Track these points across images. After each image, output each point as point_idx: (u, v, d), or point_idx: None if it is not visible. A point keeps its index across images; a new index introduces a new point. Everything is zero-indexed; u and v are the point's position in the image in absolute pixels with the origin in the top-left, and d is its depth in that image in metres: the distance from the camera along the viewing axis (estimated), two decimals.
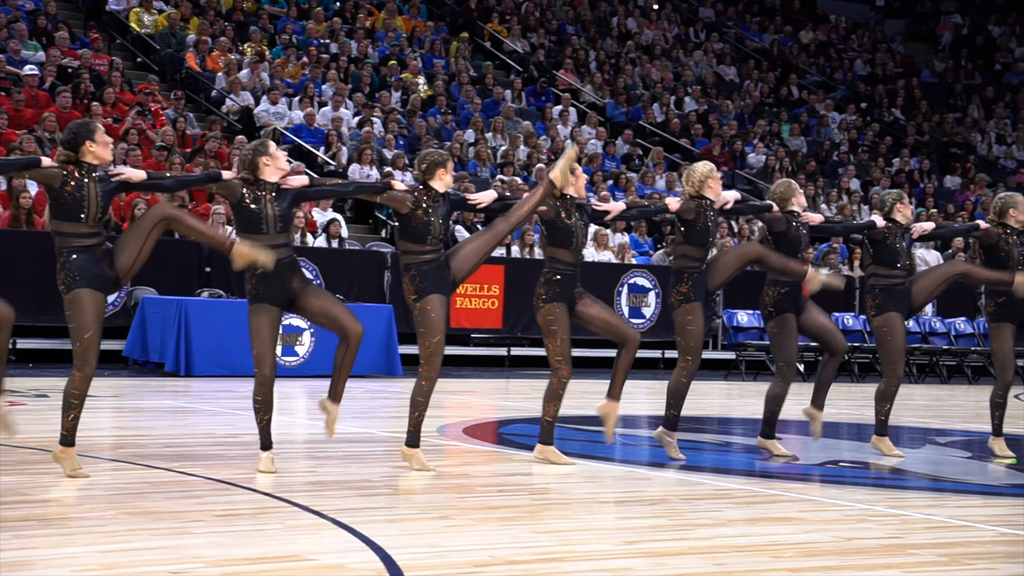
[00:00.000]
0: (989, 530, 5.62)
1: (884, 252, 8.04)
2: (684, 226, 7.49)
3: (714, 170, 7.60)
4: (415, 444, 6.84)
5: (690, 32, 25.97)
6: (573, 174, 7.21)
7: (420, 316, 6.77)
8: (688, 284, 7.45)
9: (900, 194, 8.18)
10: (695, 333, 7.44)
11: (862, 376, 16.09)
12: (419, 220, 6.79)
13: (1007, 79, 26.86)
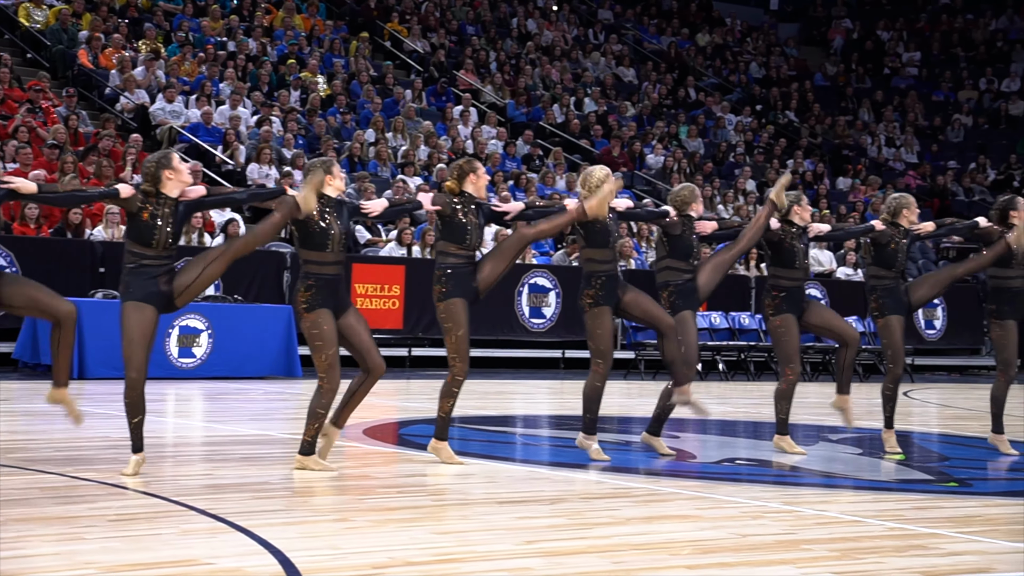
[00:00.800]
0: (879, 525, 5.75)
1: (782, 253, 8.19)
2: (584, 230, 7.54)
3: (611, 175, 7.65)
4: (310, 452, 6.81)
5: (589, 33, 26.15)
6: (476, 172, 7.24)
7: (312, 328, 6.73)
8: (595, 287, 7.49)
9: (798, 196, 8.33)
10: (604, 336, 7.48)
11: (758, 375, 16.33)
12: (315, 226, 6.74)
13: (895, 83, 27.48)
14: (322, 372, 6.72)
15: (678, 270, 7.86)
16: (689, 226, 7.91)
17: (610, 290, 7.49)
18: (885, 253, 8.41)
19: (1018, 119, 26.31)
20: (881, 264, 8.44)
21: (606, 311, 7.47)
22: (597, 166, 7.78)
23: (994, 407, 8.66)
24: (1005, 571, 4.87)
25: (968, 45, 28.50)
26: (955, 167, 24.52)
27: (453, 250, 7.17)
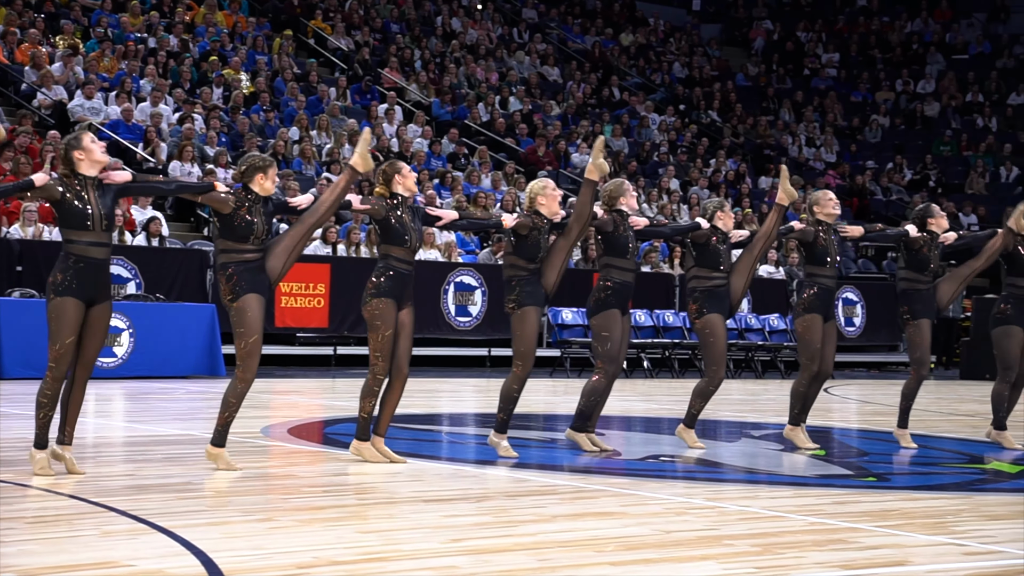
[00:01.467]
0: (800, 520, 5.83)
1: (707, 255, 8.27)
2: (516, 239, 7.56)
3: (547, 187, 7.66)
4: (222, 444, 6.77)
5: (514, 32, 26.20)
6: (400, 173, 7.21)
7: (237, 316, 6.68)
8: (518, 292, 7.51)
9: (721, 202, 8.43)
10: (529, 338, 7.50)
11: (682, 372, 16.47)
12: (242, 220, 6.70)
13: (815, 84, 27.86)
14: (240, 360, 6.68)
15: (620, 268, 7.88)
16: (623, 223, 7.94)
17: (534, 294, 7.50)
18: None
19: (933, 120, 26.80)
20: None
21: (531, 312, 7.49)
22: (536, 179, 7.82)
23: (904, 402, 8.84)
24: (921, 564, 4.97)
25: (885, 47, 28.98)
26: (873, 167, 24.92)
27: (395, 252, 7.16)
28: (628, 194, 7.97)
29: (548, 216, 7.60)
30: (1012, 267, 8.93)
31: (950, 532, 5.63)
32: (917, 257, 8.71)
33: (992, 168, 25.22)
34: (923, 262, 8.69)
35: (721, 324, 8.22)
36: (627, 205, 7.94)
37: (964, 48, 28.81)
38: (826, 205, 8.56)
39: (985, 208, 23.40)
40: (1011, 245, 8.89)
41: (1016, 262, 8.90)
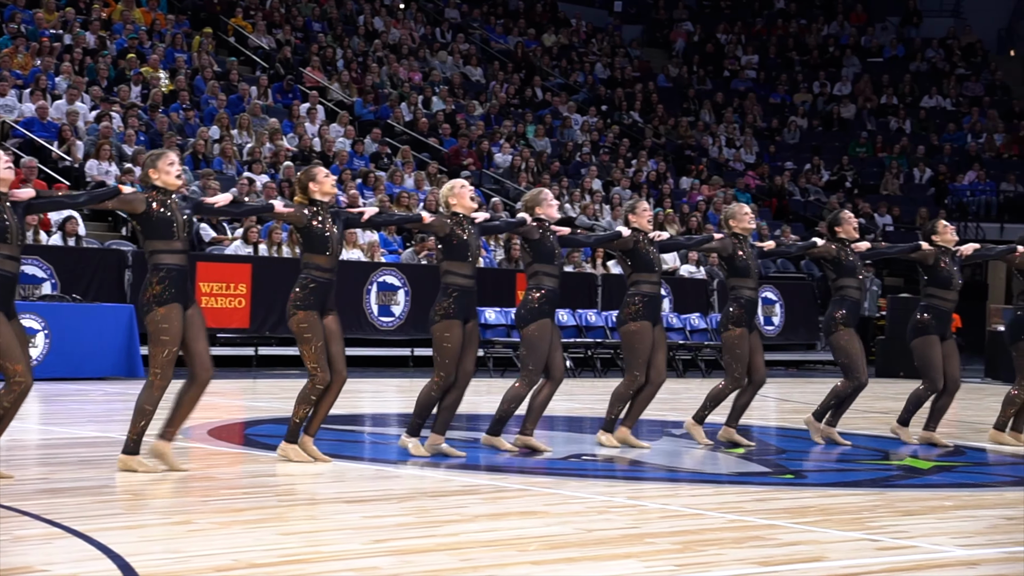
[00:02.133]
0: (719, 517, 5.90)
1: (639, 259, 8.31)
2: (442, 244, 7.55)
3: (454, 186, 7.65)
4: (137, 451, 6.69)
5: (436, 32, 26.16)
6: (315, 180, 7.16)
7: (162, 321, 6.60)
8: (450, 300, 7.49)
9: (631, 205, 8.47)
10: (451, 350, 7.48)
11: (605, 371, 16.56)
12: (158, 216, 6.62)
13: (735, 85, 28.15)
14: (160, 368, 6.61)
15: (549, 275, 7.89)
16: (548, 230, 7.95)
17: (464, 304, 7.50)
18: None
19: (849, 122, 27.21)
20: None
21: (456, 324, 7.48)
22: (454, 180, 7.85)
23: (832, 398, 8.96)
24: (837, 559, 5.05)
25: (802, 49, 29.37)
26: (791, 168, 25.24)
27: (316, 260, 7.11)
28: (546, 203, 7.97)
29: (464, 213, 7.59)
30: (932, 279, 9.08)
31: (865, 528, 5.73)
32: (842, 265, 8.85)
33: (906, 169, 25.67)
34: (851, 270, 8.84)
35: (650, 330, 8.25)
36: (546, 214, 7.94)
37: (879, 51, 29.30)
38: (742, 219, 8.65)
39: (899, 209, 23.80)
40: (932, 258, 9.06)
41: (936, 274, 9.07)
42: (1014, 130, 26.59)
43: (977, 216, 23.97)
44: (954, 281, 9.05)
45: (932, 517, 6.13)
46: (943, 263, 9.01)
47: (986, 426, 11.13)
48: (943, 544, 5.42)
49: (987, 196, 24.67)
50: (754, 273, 8.63)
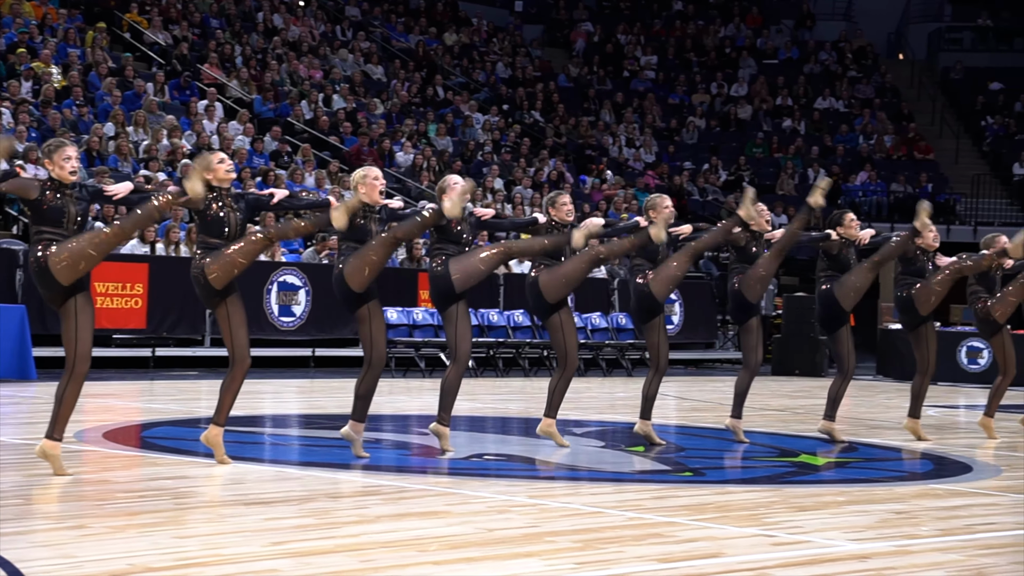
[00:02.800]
0: (619, 515, 5.96)
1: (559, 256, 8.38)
2: (349, 230, 7.54)
3: (367, 175, 7.63)
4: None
5: (337, 30, 26.00)
6: (209, 168, 7.10)
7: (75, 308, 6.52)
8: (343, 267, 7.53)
9: (552, 198, 8.54)
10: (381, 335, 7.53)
11: (506, 371, 16.59)
12: (50, 204, 6.52)
13: (634, 85, 28.40)
14: (82, 359, 6.51)
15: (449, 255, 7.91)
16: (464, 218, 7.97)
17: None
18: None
19: (746, 122, 27.62)
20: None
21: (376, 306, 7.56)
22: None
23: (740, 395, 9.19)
24: (734, 555, 5.13)
25: (700, 51, 29.74)
26: (690, 167, 25.54)
27: (213, 243, 7.05)
28: (451, 188, 7.98)
29: (371, 203, 7.58)
30: (834, 266, 9.35)
31: (762, 524, 5.83)
32: (745, 253, 9.07)
33: (801, 170, 26.13)
34: (753, 258, 9.04)
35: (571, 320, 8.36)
36: (448, 199, 7.96)
37: (774, 53, 29.78)
38: (663, 211, 8.76)
39: (795, 208, 24.21)
40: (836, 247, 9.31)
41: (839, 263, 9.32)
42: (903, 132, 27.22)
43: (869, 216, 24.49)
44: None
45: (825, 512, 6.26)
46: (846, 252, 9.30)
47: (878, 422, 11.39)
48: (835, 539, 5.54)
49: (878, 196, 25.24)
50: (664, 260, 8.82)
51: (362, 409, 7.69)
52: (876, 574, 4.86)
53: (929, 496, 6.89)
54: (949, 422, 11.97)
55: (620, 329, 17.53)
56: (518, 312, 16.81)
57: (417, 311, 16.01)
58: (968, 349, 17.29)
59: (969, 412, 13.20)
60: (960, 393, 15.72)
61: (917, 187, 25.39)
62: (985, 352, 17.03)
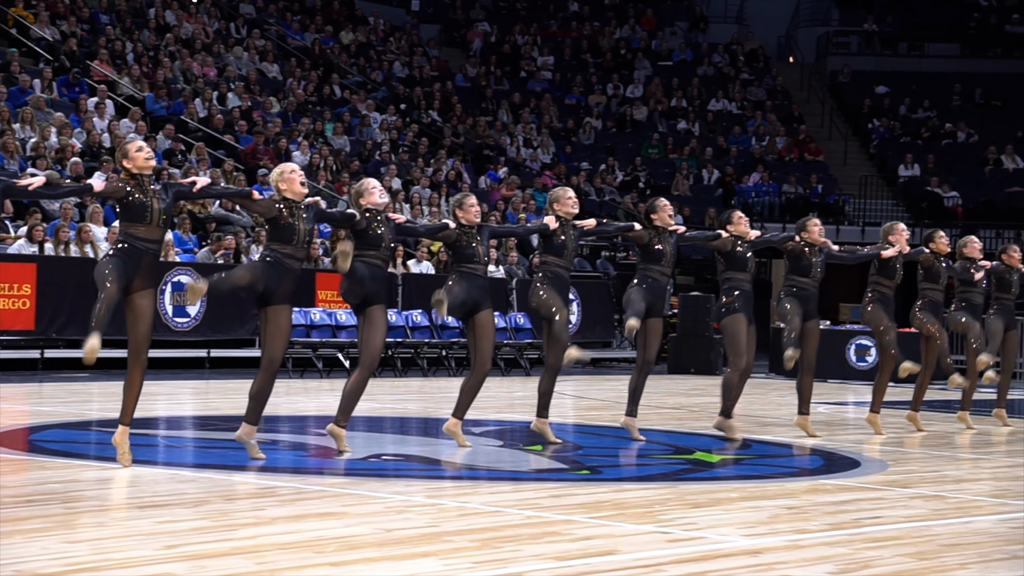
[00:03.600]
0: (517, 514, 5.99)
1: (461, 253, 8.42)
2: (268, 224, 7.49)
3: (284, 171, 7.58)
4: None
5: (231, 27, 25.69)
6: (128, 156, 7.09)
7: None
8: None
9: (459, 200, 8.57)
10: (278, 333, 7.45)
11: (405, 371, 16.56)
12: None
13: (531, 86, 28.53)
14: None
15: (369, 263, 7.88)
16: (374, 219, 7.94)
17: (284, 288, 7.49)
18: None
19: (642, 123, 27.90)
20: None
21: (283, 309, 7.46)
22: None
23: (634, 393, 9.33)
24: (629, 552, 5.20)
25: (596, 52, 29.97)
26: (587, 168, 25.73)
27: (134, 230, 6.99)
28: (368, 192, 7.97)
29: (294, 198, 7.52)
30: (730, 264, 9.52)
31: (657, 521, 5.91)
32: (649, 251, 9.17)
33: (695, 171, 26.48)
34: (658, 254, 9.14)
35: (490, 319, 8.44)
36: (370, 203, 7.95)
37: (668, 55, 30.13)
38: (566, 203, 8.86)
39: (690, 208, 24.54)
40: (729, 244, 9.46)
41: (735, 260, 9.54)
42: (794, 134, 27.73)
43: (761, 216, 24.92)
44: (749, 265, 9.53)
45: (719, 509, 6.36)
46: (740, 249, 9.47)
47: (771, 419, 11.60)
48: (729, 534, 5.63)
49: (770, 197, 25.68)
50: (569, 255, 8.88)
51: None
52: (767, 568, 4.96)
53: (819, 491, 7.04)
54: (838, 418, 12.24)
55: (519, 329, 17.60)
56: (416, 312, 16.78)
57: (315, 311, 15.90)
58: (857, 347, 17.69)
59: (858, 408, 13.50)
60: (849, 390, 16.07)
61: (808, 188, 25.89)
62: (873, 350, 17.42)
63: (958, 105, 28.40)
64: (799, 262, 9.88)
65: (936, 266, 10.70)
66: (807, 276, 9.82)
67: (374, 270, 7.89)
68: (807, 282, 9.83)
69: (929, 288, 10.71)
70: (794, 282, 9.85)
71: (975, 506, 6.74)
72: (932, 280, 10.73)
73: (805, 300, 9.80)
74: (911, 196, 25.75)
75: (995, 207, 25.20)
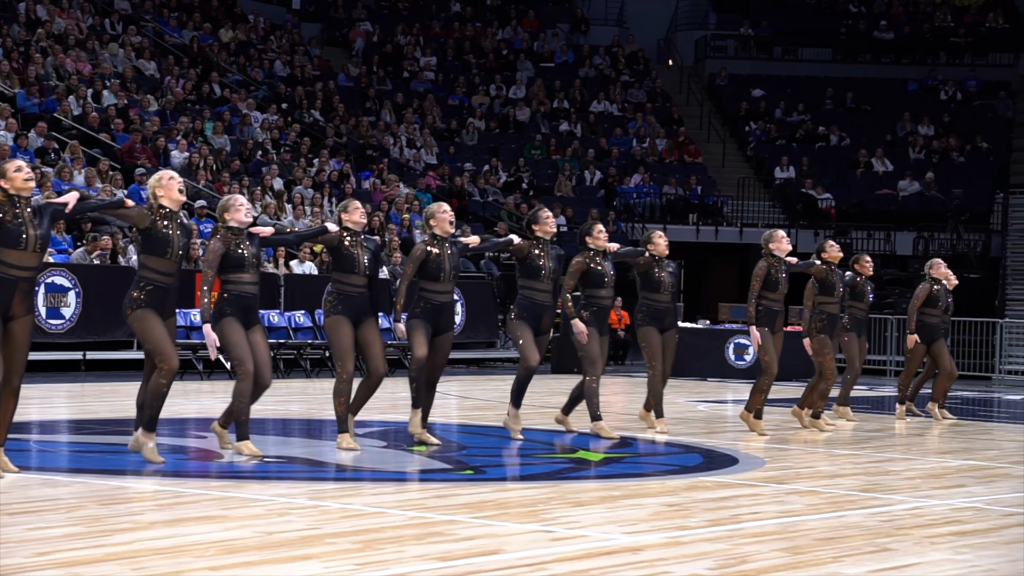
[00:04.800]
0: (400, 515, 5.97)
1: (341, 259, 8.37)
2: (140, 236, 7.36)
3: (162, 178, 7.45)
4: None
5: (106, 23, 25.17)
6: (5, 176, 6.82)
7: None
8: (140, 293, 7.27)
9: (344, 204, 8.52)
10: (156, 337, 7.25)
11: (287, 372, 16.40)
12: None
13: (414, 86, 28.47)
14: None
15: (234, 283, 7.81)
16: (238, 237, 7.83)
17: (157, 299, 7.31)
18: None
19: (524, 124, 28.03)
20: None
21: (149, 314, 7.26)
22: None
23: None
24: (513, 551, 5.22)
25: (479, 53, 30.03)
26: (471, 168, 25.76)
27: (7, 257, 6.74)
28: (234, 208, 7.86)
29: (170, 207, 7.38)
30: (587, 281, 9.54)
31: (540, 520, 5.95)
32: (528, 265, 9.12)
33: (578, 172, 26.69)
34: (536, 270, 9.10)
35: (348, 325, 8.31)
36: (235, 220, 7.83)
37: (550, 57, 30.32)
38: (442, 220, 8.68)
39: (572, 210, 24.73)
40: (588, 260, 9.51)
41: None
42: (674, 136, 28.12)
43: (643, 217, 25.22)
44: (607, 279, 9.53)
45: (601, 507, 6.43)
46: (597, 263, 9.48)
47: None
48: (611, 532, 5.69)
49: (651, 199, 26.00)
50: (448, 275, 8.71)
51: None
52: (649, 565, 5.02)
53: (699, 488, 7.15)
54: (717, 416, 12.45)
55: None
56: (299, 313, 16.63)
57: (194, 312, 15.65)
58: (735, 346, 18.01)
59: (736, 407, 13.74)
60: (728, 388, 16.35)
61: (687, 190, 26.26)
62: (751, 349, 17.76)
63: (831, 109, 29.08)
64: (649, 279, 9.94)
65: (831, 277, 10.75)
66: (658, 291, 9.91)
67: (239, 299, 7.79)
68: (659, 297, 9.94)
69: (825, 302, 10.75)
70: (648, 299, 9.96)
71: (848, 501, 6.91)
72: (827, 293, 10.76)
73: (659, 315, 9.92)
74: (787, 197, 26.28)
75: (865, 209, 25.87)
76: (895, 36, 30.62)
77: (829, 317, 10.71)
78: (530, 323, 9.07)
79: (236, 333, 7.69)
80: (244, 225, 7.84)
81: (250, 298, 7.83)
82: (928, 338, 11.78)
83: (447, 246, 8.68)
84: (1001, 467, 8.71)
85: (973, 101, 29.11)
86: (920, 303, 11.76)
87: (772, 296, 10.05)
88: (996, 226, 25.27)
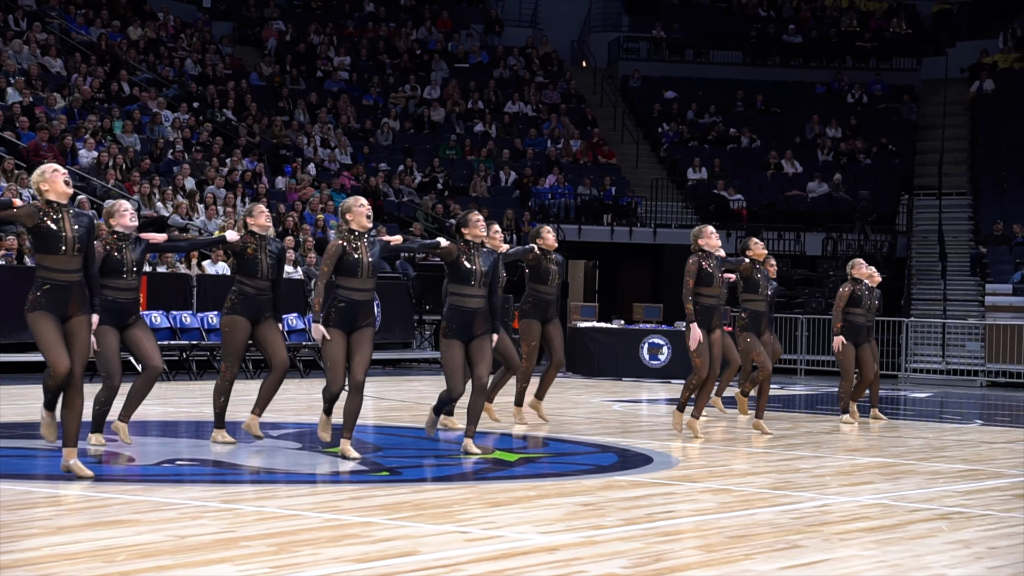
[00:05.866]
0: (316, 517, 5.94)
1: (244, 263, 8.43)
2: (30, 233, 7.15)
3: (47, 171, 7.28)
4: None
5: (9, 19, 24.67)
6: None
7: None
8: (37, 292, 7.08)
9: (248, 209, 8.58)
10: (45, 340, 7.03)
11: (200, 373, 16.22)
12: None
13: (328, 86, 28.30)
14: None
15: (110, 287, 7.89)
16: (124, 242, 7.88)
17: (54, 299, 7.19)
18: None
19: (439, 124, 28.01)
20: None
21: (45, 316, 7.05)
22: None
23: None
24: (429, 552, 5.22)
25: (393, 53, 29.93)
26: (385, 169, 25.67)
27: None
28: (119, 214, 7.97)
29: (57, 200, 7.19)
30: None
31: (456, 520, 5.95)
32: (457, 269, 8.87)
33: (493, 172, 26.72)
34: (465, 274, 8.93)
35: (243, 324, 8.42)
36: (121, 225, 7.93)
37: (465, 57, 30.32)
38: (359, 214, 8.30)
39: (488, 210, 24.75)
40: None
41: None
42: (588, 137, 28.28)
43: (558, 218, 25.33)
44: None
45: (517, 507, 6.45)
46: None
47: (567, 418, 11.82)
48: (527, 532, 5.71)
49: (566, 199, 26.12)
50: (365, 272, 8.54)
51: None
52: (564, 565, 5.05)
53: (614, 488, 7.21)
54: (632, 416, 12.55)
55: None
56: (212, 314, 16.45)
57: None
58: (650, 345, 18.16)
59: (651, 406, 13.87)
60: (643, 388, 16.49)
61: (602, 190, 26.43)
62: (665, 348, 17.94)
63: (741, 111, 29.45)
64: (537, 271, 10.38)
65: (755, 275, 10.82)
66: (545, 283, 10.34)
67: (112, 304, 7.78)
68: (546, 289, 10.52)
69: (749, 299, 10.83)
70: (535, 290, 10.51)
71: (759, 498, 7.01)
72: (752, 290, 10.84)
73: (544, 306, 10.50)
74: (699, 198, 26.56)
75: (776, 209, 26.24)
76: (803, 40, 31.10)
77: (753, 315, 10.83)
78: (460, 335, 8.62)
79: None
80: (129, 230, 7.82)
81: (125, 303, 7.83)
82: (855, 339, 11.69)
83: (365, 241, 8.28)
84: (907, 464, 8.90)
85: (879, 104, 29.67)
86: (844, 303, 11.68)
87: (707, 292, 9.77)
88: (902, 227, 25.78)
